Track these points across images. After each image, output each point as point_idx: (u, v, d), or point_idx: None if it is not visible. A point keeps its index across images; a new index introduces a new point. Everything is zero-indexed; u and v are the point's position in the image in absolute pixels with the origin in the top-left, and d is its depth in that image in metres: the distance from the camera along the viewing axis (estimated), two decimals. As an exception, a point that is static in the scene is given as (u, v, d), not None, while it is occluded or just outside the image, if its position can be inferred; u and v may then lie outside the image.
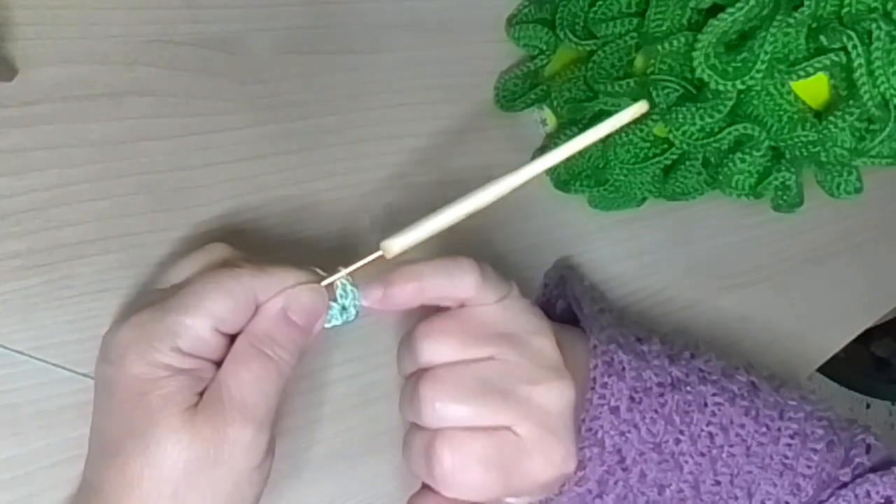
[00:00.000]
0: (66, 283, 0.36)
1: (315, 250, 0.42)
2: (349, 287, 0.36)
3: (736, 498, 0.39)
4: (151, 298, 0.33)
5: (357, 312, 0.36)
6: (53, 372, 0.36)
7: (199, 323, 0.32)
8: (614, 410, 0.37)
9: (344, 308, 0.36)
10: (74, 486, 0.34)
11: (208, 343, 0.32)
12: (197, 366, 0.32)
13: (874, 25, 0.37)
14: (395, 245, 0.35)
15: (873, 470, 0.40)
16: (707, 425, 0.39)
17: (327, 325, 0.36)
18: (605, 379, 0.38)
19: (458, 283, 0.36)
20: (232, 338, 0.33)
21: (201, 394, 0.32)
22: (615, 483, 0.38)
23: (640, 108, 0.38)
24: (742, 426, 0.39)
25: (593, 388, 0.37)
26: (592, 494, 0.38)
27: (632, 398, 0.38)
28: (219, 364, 0.33)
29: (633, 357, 0.39)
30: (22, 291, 0.36)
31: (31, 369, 0.35)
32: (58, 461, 0.36)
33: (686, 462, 0.38)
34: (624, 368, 0.38)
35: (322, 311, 0.35)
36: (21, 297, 0.36)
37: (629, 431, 0.37)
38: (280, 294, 0.34)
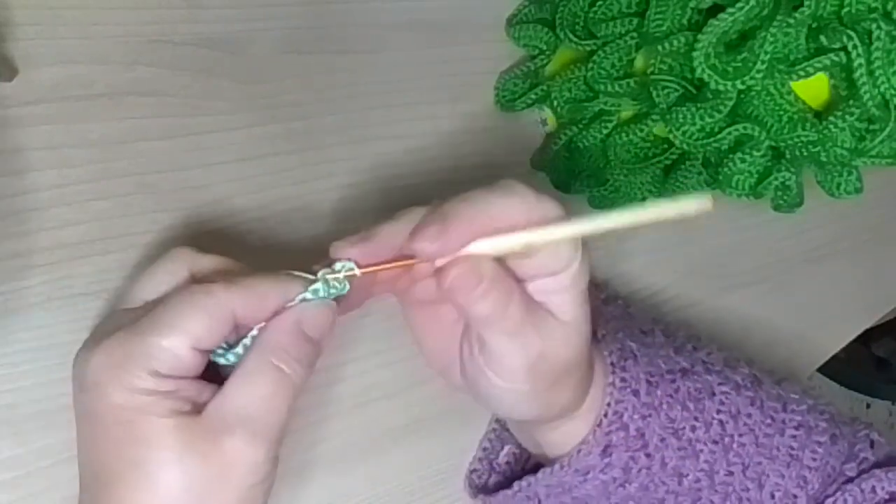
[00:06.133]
0: (66, 283, 0.36)
1: (314, 250, 0.42)
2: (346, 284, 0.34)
3: (747, 489, 0.39)
4: (120, 320, 0.32)
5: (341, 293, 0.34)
6: (53, 372, 0.36)
7: (176, 344, 0.30)
8: (636, 393, 0.37)
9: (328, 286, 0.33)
10: (74, 486, 0.34)
11: (186, 363, 0.31)
12: (177, 386, 0.31)
13: (874, 25, 0.37)
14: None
15: (877, 466, 0.41)
16: (717, 413, 0.39)
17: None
18: (623, 363, 0.38)
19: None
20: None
21: (187, 411, 0.31)
22: (639, 471, 0.38)
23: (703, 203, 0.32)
24: (749, 416, 0.40)
25: (613, 373, 0.37)
26: (617, 483, 0.38)
27: (648, 382, 0.38)
28: (196, 380, 0.32)
29: (641, 345, 0.39)
30: (22, 291, 0.36)
31: (30, 369, 0.35)
32: (58, 461, 0.36)
33: (702, 450, 0.38)
34: (635, 355, 0.38)
35: (332, 326, 0.34)
36: (21, 297, 0.36)
37: (650, 415, 0.37)
38: (292, 309, 0.33)
